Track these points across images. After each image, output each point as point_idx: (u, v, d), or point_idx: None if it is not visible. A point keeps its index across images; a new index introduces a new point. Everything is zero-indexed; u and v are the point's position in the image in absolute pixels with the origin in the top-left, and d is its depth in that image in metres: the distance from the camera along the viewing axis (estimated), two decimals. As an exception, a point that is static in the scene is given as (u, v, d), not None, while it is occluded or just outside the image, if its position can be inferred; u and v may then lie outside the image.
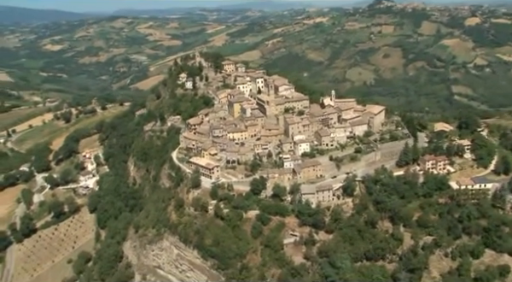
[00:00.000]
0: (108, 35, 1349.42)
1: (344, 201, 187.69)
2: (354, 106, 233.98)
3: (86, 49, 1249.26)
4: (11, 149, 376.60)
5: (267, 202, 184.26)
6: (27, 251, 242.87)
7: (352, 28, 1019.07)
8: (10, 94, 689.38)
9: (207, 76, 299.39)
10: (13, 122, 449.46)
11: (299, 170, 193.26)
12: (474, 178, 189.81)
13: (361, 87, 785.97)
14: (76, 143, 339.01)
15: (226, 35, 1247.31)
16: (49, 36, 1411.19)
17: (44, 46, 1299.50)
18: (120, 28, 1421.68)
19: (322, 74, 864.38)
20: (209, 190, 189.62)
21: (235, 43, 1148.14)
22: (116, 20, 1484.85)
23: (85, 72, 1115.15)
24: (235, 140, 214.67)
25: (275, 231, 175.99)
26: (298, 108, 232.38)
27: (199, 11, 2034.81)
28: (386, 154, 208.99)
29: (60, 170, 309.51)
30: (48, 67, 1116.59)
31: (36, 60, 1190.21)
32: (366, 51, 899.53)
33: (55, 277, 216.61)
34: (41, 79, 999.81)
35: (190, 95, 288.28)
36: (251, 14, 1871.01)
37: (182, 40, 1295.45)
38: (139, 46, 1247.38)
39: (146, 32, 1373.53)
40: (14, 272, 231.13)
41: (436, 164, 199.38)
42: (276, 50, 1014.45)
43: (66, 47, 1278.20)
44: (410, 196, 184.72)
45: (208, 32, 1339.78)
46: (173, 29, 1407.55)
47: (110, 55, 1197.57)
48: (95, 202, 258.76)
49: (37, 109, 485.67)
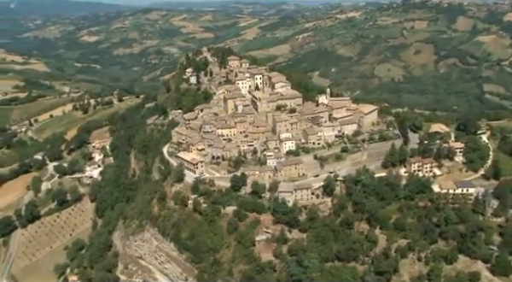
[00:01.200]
0: (143, 27, 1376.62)
1: (323, 200, 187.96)
2: (347, 105, 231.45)
3: (121, 41, 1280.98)
4: (30, 137, 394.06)
5: (245, 198, 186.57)
6: (29, 236, 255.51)
7: (384, 23, 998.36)
8: (42, 84, 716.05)
9: (212, 71, 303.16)
10: (37, 112, 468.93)
11: (281, 168, 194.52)
12: (457, 182, 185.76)
13: (389, 84, 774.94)
14: (88, 133, 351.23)
15: (258, 28, 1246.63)
16: (87, 27, 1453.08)
17: (81, 37, 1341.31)
18: (155, 20, 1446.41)
19: (350, 70, 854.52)
20: (191, 184, 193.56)
21: (265, 36, 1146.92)
22: (151, 12, 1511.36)
23: (118, 63, 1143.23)
24: (223, 136, 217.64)
25: (249, 227, 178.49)
26: (290, 106, 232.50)
27: (234, 4, 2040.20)
28: (373, 154, 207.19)
29: (70, 159, 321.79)
30: (83, 58, 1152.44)
31: (73, 51, 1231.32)
32: (397, 47, 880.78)
33: (51, 262, 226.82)
34: (75, 69, 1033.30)
35: (194, 90, 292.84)
36: (286, 7, 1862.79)
37: (214, 33, 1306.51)
38: (171, 38, 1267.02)
39: (179, 24, 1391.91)
40: (15, 255, 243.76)
41: (422, 166, 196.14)
42: (305, 45, 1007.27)
43: (101, 38, 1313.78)
44: (390, 198, 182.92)
45: (241, 25, 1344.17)
46: (206, 22, 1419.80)
47: (143, 47, 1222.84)
48: (95, 192, 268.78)
49: (60, 100, 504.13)
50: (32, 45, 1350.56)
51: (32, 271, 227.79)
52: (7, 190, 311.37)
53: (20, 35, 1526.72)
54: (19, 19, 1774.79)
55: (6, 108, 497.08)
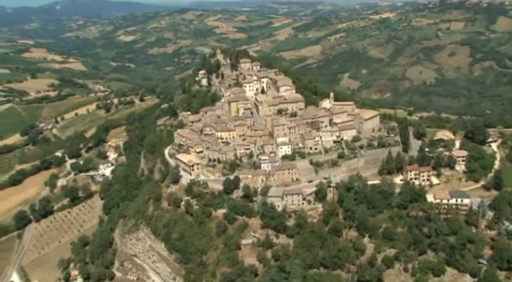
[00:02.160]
0: (178, 27, 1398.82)
1: (314, 206, 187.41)
2: (348, 110, 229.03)
3: (156, 41, 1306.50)
4: (54, 135, 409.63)
5: (236, 202, 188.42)
6: (41, 230, 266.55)
7: (418, 24, 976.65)
8: (76, 82, 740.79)
9: (223, 74, 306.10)
10: (65, 110, 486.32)
11: (273, 172, 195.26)
12: (452, 191, 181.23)
13: (420, 86, 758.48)
14: (106, 132, 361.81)
15: (291, 29, 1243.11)
16: (125, 27, 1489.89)
17: (118, 37, 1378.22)
18: (190, 20, 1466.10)
19: (380, 72, 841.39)
20: (186, 186, 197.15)
21: (298, 37, 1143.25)
22: (187, 13, 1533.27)
23: (152, 62, 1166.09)
24: (222, 139, 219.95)
25: (238, 230, 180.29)
26: (292, 110, 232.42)
27: (270, 4, 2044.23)
28: (370, 161, 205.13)
29: (86, 157, 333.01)
30: (119, 58, 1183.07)
31: (110, 50, 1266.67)
32: (431, 49, 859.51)
33: (58, 256, 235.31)
34: (110, 68, 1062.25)
35: (204, 91, 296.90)
36: (322, 7, 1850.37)
37: (247, 33, 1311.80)
38: (205, 38, 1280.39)
39: (214, 24, 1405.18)
40: (26, 248, 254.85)
41: (419, 175, 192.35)
42: (337, 46, 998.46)
43: (137, 38, 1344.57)
44: (381, 207, 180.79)
45: (274, 25, 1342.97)
46: (240, 22, 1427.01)
47: (177, 47, 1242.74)
48: (105, 190, 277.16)
49: (87, 99, 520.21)
50: (73, 45, 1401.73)
51: (39, 264, 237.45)
52: (27, 185, 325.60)
53: (63, 35, 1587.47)
54: (63, 19, 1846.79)
55: (38, 106, 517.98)
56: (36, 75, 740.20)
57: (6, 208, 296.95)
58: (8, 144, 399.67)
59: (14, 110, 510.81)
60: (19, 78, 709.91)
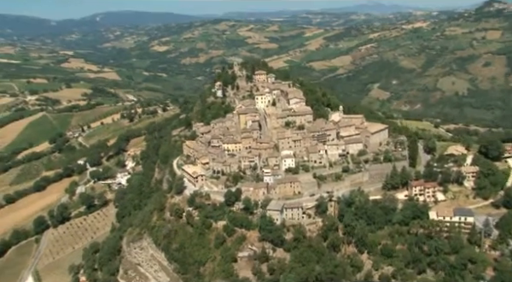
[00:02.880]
0: (210, 37, 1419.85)
1: (314, 220, 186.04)
2: (356, 123, 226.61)
3: (189, 51, 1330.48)
4: (79, 143, 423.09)
5: (236, 214, 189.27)
6: (58, 236, 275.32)
7: (452, 34, 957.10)
8: (108, 92, 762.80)
9: (238, 85, 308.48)
10: (93, 119, 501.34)
11: (275, 186, 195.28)
12: (455, 209, 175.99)
13: (451, 97, 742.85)
14: (126, 141, 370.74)
15: (323, 39, 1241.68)
16: (160, 37, 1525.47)
17: (152, 47, 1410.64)
18: (223, 31, 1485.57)
19: (411, 82, 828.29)
20: (188, 197, 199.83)
21: (328, 47, 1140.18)
22: (220, 23, 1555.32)
23: (184, 72, 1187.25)
24: (229, 151, 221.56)
25: (235, 243, 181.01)
26: (301, 122, 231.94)
27: (304, 14, 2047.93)
28: (374, 175, 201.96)
29: (105, 166, 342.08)
30: (152, 67, 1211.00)
31: (144, 60, 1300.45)
32: (464, 59, 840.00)
33: (70, 262, 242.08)
34: (143, 78, 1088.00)
35: (219, 103, 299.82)
36: (355, 17, 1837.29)
37: (278, 43, 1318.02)
38: (236, 48, 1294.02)
39: (246, 34, 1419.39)
40: (43, 253, 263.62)
41: (424, 190, 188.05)
42: (368, 56, 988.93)
43: (171, 48, 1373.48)
44: (381, 223, 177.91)
45: (306, 35, 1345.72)
46: (272, 32, 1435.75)
47: (208, 57, 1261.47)
48: (119, 198, 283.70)
49: (114, 108, 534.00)
50: (110, 55, 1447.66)
51: (53, 268, 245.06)
52: (50, 191, 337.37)
53: (101, 45, 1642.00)
54: (101, 30, 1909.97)
55: (68, 115, 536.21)
56: (70, 85, 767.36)
57: (29, 213, 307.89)
58: (36, 152, 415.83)
59: (45, 119, 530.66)
60: (54, 87, 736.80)
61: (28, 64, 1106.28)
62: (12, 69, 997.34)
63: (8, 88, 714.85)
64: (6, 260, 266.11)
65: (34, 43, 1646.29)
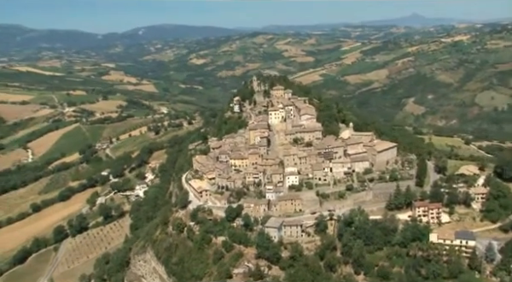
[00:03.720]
0: (247, 50, 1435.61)
1: (313, 239, 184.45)
2: (364, 141, 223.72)
3: (225, 64, 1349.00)
4: (106, 155, 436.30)
5: (235, 230, 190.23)
6: (74, 245, 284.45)
7: (494, 47, 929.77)
8: (143, 104, 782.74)
9: (255, 100, 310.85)
10: (123, 131, 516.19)
11: (276, 203, 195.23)
12: (457, 232, 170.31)
13: (490, 113, 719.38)
14: (149, 154, 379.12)
15: (360, 53, 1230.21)
16: (198, 51, 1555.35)
17: (191, 60, 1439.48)
18: (260, 44, 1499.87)
19: (448, 97, 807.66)
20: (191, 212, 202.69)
21: (364, 61, 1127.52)
22: (258, 37, 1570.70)
23: (220, 85, 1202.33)
24: (235, 166, 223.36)
25: (233, 259, 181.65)
26: (309, 139, 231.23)
27: (343, 27, 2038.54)
28: (379, 194, 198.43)
29: (127, 178, 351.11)
30: (189, 80, 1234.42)
31: (181, 72, 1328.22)
32: (506, 73, 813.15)
33: (83, 271, 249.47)
34: (179, 90, 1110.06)
35: (235, 118, 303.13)
36: (395, 30, 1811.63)
37: (315, 57, 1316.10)
38: (273, 62, 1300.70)
39: (282, 48, 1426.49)
40: (59, 261, 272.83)
41: (428, 211, 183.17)
42: (404, 70, 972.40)
43: (208, 61, 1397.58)
44: (380, 243, 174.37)
45: (343, 49, 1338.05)
46: (309, 46, 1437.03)
47: (245, 70, 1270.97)
48: (135, 210, 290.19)
49: (145, 120, 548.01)
50: (149, 67, 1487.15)
51: (67, 277, 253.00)
52: (73, 201, 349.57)
53: (142, 58, 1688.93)
54: (143, 43, 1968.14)
55: (100, 127, 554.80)
56: (107, 97, 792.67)
57: (52, 222, 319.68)
58: (66, 162, 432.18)
59: (79, 130, 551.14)
60: (92, 99, 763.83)
61: (71, 76, 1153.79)
62: (56, 81, 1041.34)
63: (49, 100, 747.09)
64: (26, 266, 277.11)
65: (80, 56, 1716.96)
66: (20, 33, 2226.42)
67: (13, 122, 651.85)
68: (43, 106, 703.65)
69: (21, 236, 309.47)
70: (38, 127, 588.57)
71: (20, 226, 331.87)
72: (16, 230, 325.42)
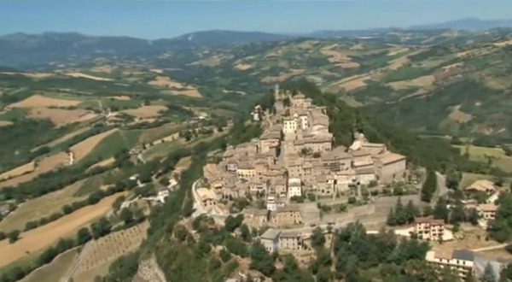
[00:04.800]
0: (293, 56, 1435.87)
1: (309, 252, 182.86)
2: (372, 152, 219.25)
3: (270, 69, 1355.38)
4: (138, 160, 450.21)
5: (234, 240, 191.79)
6: (96, 247, 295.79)
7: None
8: (183, 109, 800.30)
9: (275, 109, 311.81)
10: (158, 136, 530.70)
11: (275, 214, 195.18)
12: (455, 251, 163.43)
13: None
14: (176, 160, 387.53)
15: (406, 58, 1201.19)
16: (244, 56, 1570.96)
17: (236, 66, 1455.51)
18: (306, 49, 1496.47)
19: (497, 104, 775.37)
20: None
21: (411, 67, 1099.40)
22: (304, 42, 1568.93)
23: (264, 90, 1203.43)
24: (242, 176, 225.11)
25: (228, 269, 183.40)
26: (318, 150, 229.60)
27: (392, 32, 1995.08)
28: (381, 208, 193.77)
29: (152, 183, 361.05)
30: (233, 85, 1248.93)
31: (226, 78, 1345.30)
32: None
33: (100, 273, 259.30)
34: (222, 95, 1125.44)
35: (253, 126, 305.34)
36: (447, 35, 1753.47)
37: (361, 62, 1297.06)
38: (317, 67, 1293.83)
39: (328, 53, 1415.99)
40: (80, 262, 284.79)
41: (429, 228, 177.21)
42: (451, 76, 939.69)
43: (253, 67, 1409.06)
44: (375, 259, 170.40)
45: (390, 54, 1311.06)
46: (355, 51, 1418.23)
47: (289, 76, 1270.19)
48: (153, 215, 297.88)
49: (180, 126, 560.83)
50: (196, 73, 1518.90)
51: (84, 278, 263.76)
52: (101, 204, 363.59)
53: (189, 63, 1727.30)
54: (192, 49, 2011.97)
55: (138, 132, 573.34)
56: (149, 102, 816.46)
57: (80, 224, 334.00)
58: (100, 166, 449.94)
59: (117, 135, 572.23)
60: (135, 104, 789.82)
61: (119, 82, 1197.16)
62: (104, 87, 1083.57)
63: (94, 105, 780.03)
64: (52, 265, 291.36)
65: (131, 61, 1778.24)
66: (77, 40, 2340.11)
67: (60, 126, 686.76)
68: (88, 111, 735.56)
69: (52, 236, 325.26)
70: (81, 131, 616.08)
71: (52, 226, 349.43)
72: (48, 230, 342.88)
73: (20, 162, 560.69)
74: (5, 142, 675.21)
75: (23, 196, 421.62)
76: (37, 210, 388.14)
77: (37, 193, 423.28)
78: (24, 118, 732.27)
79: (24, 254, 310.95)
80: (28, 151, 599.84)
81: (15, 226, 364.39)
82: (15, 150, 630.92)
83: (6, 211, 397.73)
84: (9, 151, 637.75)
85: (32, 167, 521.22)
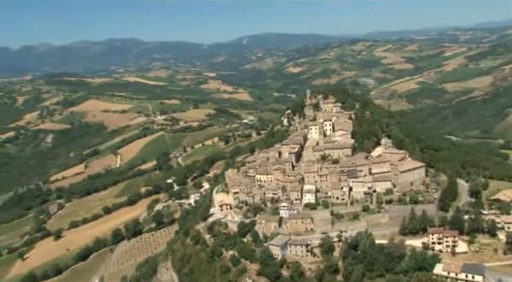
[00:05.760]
0: (345, 58, 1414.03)
1: (318, 259, 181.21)
2: (392, 159, 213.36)
3: (321, 72, 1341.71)
4: (177, 163, 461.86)
5: (244, 245, 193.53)
6: (127, 248, 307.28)
7: None
8: (230, 113, 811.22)
9: (305, 114, 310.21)
10: (201, 139, 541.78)
11: (286, 221, 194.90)
12: (465, 265, 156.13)
13: None
14: (211, 164, 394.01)
15: (464, 58, 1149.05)
16: (296, 59, 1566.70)
17: (287, 68, 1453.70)
18: (359, 51, 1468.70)
19: None
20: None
21: (468, 67, 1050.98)
22: (357, 44, 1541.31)
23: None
24: (260, 182, 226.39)
25: (237, 274, 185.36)
26: (338, 156, 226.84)
27: (452, 31, 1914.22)
28: (395, 217, 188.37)
29: (188, 186, 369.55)
30: (284, 88, 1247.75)
31: (278, 81, 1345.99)
32: None
33: (128, 273, 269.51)
34: (273, 98, 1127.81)
35: (282, 131, 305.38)
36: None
37: (415, 64, 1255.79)
38: (370, 69, 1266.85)
39: (381, 55, 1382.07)
40: (112, 261, 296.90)
41: (442, 239, 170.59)
42: (511, 76, 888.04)
43: (304, 69, 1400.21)
44: (381, 270, 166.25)
45: (446, 54, 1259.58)
46: (410, 52, 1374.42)
47: (340, 78, 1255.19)
48: (182, 218, 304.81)
49: (223, 129, 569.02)
50: (248, 76, 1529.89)
51: (114, 277, 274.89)
52: (138, 206, 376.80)
53: (242, 67, 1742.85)
54: (245, 52, 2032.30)
55: (182, 135, 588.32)
56: (198, 105, 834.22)
57: (116, 224, 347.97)
58: (142, 169, 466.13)
59: (162, 138, 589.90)
60: (183, 108, 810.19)
61: (172, 86, 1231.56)
62: (158, 91, 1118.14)
63: (144, 109, 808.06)
64: (87, 264, 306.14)
65: (186, 65, 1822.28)
66: (136, 46, 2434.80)
67: (112, 129, 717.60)
68: (138, 114, 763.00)
69: (90, 235, 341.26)
70: (129, 135, 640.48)
71: (92, 226, 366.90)
72: (88, 229, 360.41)
73: (73, 164, 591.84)
74: (62, 144, 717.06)
75: (71, 197, 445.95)
76: (81, 210, 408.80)
77: (83, 193, 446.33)
78: (80, 121, 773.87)
79: (65, 251, 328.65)
80: (81, 153, 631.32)
81: (61, 224, 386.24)
82: (70, 152, 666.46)
83: (54, 210, 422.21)
84: (65, 153, 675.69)
85: (83, 169, 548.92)
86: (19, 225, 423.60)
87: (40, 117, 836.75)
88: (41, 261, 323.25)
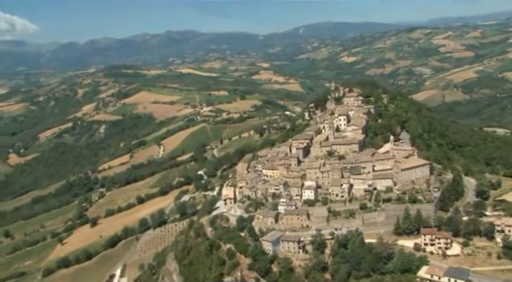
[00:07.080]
0: (401, 47, 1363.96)
1: (309, 256, 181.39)
2: (396, 156, 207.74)
3: (376, 61, 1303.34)
4: (212, 154, 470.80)
5: (241, 239, 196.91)
6: (151, 237, 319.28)
7: None
8: (277, 104, 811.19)
9: (326, 107, 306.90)
10: (240, 131, 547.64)
11: (282, 217, 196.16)
12: (449, 268, 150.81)
13: None
14: (240, 156, 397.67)
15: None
16: (352, 48, 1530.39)
17: (341, 58, 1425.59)
18: (417, 39, 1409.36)
19: None
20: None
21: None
22: (414, 31, 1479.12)
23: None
24: (267, 177, 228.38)
25: (230, 267, 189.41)
26: (345, 152, 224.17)
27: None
28: (391, 216, 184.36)
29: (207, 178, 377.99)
30: (336, 78, 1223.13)
31: (331, 71, 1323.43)
32: None
33: (148, 261, 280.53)
34: (324, 89, 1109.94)
35: (302, 125, 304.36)
36: None
37: (476, 51, 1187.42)
38: (426, 58, 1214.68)
39: (440, 42, 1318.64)
40: (136, 250, 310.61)
41: (435, 240, 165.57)
42: None
43: (359, 59, 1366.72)
44: (367, 270, 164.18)
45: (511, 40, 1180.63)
46: (471, 39, 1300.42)
47: (395, 68, 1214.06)
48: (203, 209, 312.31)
49: (263, 121, 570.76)
50: (301, 66, 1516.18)
51: (135, 265, 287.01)
52: (169, 196, 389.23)
53: (297, 56, 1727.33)
54: (301, 42, 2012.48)
55: (223, 127, 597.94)
56: (245, 97, 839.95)
57: (146, 213, 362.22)
58: (178, 160, 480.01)
59: (204, 129, 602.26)
60: (230, 99, 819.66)
61: (225, 77, 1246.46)
62: (210, 82, 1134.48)
63: (192, 100, 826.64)
64: (115, 250, 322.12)
65: (241, 56, 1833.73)
66: (193, 37, 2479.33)
67: (160, 121, 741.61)
68: (186, 105, 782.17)
69: (123, 223, 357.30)
70: (174, 126, 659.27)
71: (126, 214, 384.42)
72: (121, 217, 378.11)
73: (121, 154, 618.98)
74: (114, 134, 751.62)
75: (112, 186, 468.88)
76: (119, 199, 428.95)
77: (123, 183, 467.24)
78: (131, 113, 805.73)
79: (98, 238, 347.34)
80: (130, 144, 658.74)
81: (99, 212, 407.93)
82: (121, 143, 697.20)
83: (96, 198, 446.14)
84: (116, 143, 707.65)
85: (128, 159, 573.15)
86: (65, 211, 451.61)
87: (96, 108, 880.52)
88: (77, 246, 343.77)
